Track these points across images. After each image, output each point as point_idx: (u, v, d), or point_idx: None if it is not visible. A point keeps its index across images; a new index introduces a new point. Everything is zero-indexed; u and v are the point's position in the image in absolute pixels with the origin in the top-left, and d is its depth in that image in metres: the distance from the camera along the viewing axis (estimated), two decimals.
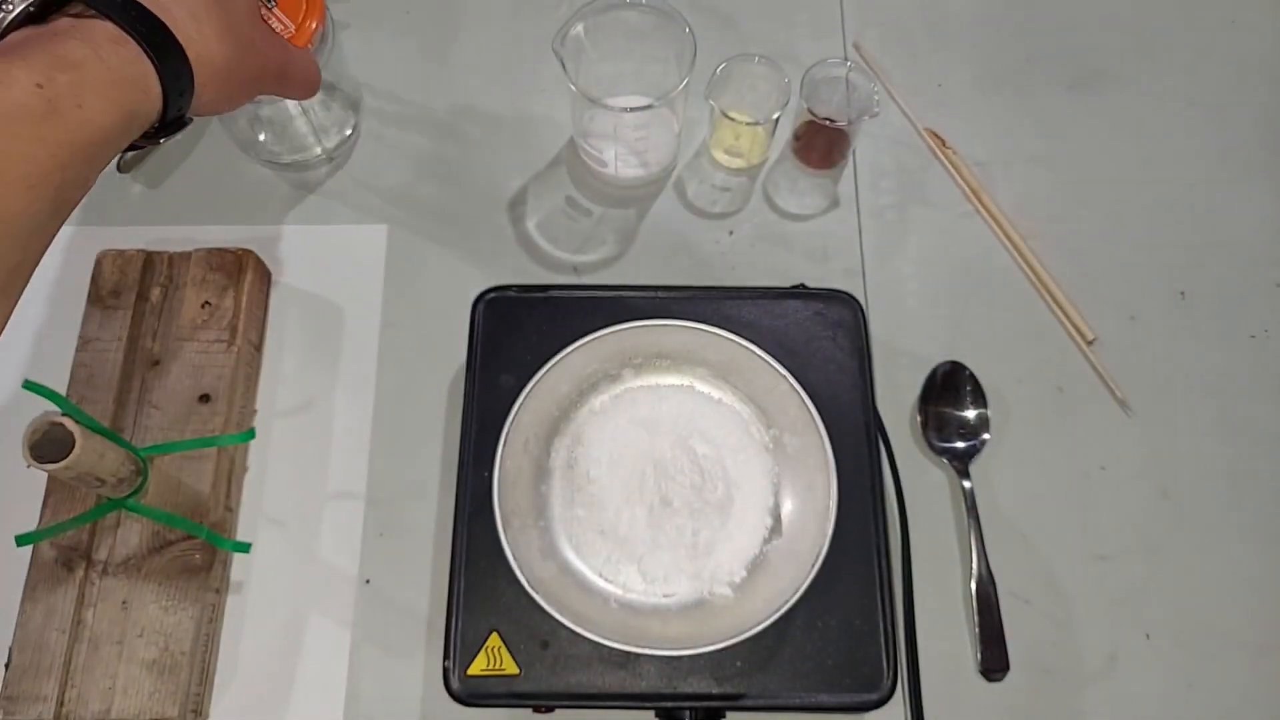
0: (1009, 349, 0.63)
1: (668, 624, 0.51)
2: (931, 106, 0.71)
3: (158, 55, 0.39)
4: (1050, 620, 0.57)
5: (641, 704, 0.49)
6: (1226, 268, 0.66)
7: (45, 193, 0.35)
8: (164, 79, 0.39)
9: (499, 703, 0.49)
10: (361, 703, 0.55)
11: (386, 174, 0.68)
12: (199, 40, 0.41)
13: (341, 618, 0.56)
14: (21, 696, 0.51)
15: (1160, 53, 0.73)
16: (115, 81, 0.37)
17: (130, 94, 0.38)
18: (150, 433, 0.57)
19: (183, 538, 0.54)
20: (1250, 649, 0.56)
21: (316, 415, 0.61)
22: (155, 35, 0.39)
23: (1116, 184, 0.69)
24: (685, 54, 0.59)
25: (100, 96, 0.37)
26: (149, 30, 0.38)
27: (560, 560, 0.52)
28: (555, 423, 0.56)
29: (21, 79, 0.34)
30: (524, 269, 0.65)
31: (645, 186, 0.68)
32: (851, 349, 0.56)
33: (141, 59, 0.38)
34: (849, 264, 0.66)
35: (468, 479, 0.52)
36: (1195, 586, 0.58)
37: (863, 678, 0.49)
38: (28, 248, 0.35)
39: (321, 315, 0.64)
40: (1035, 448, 0.61)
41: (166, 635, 0.52)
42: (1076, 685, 0.55)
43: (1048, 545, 0.58)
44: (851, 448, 0.53)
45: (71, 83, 0.36)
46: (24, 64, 0.35)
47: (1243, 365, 0.63)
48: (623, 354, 0.56)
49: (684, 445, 0.54)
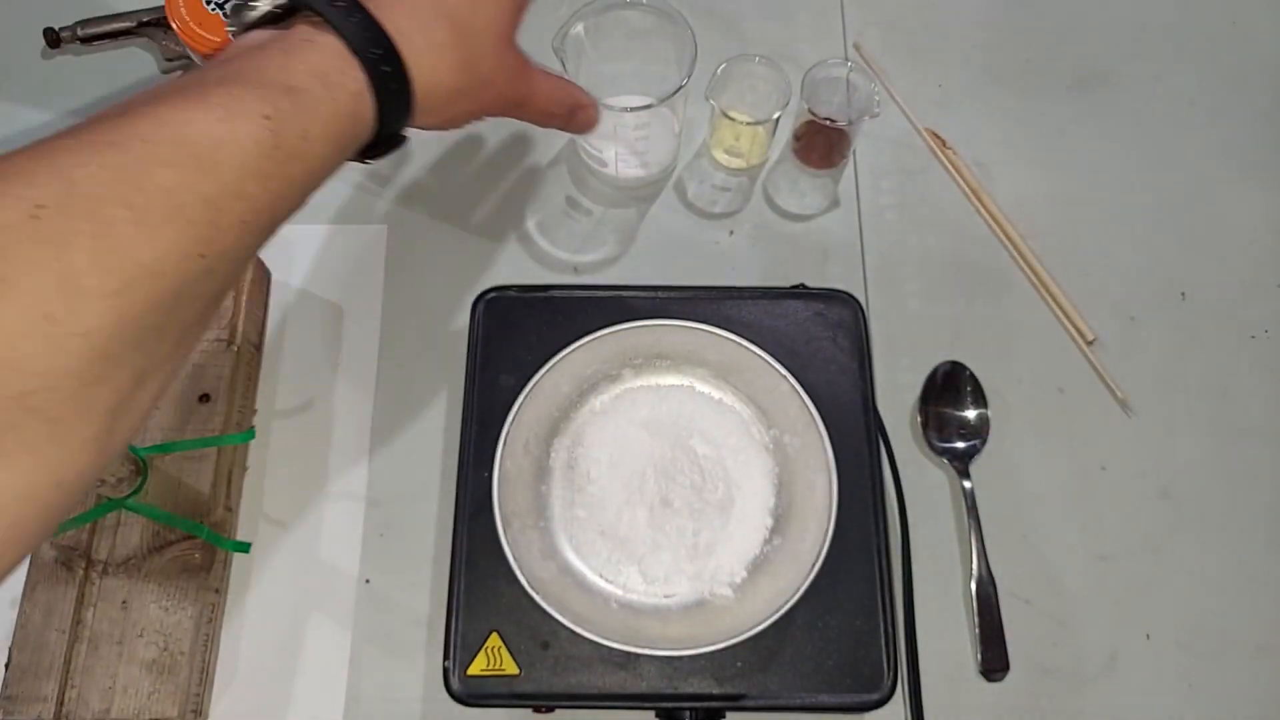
0: (1009, 349, 0.63)
1: (668, 624, 0.51)
2: (932, 106, 0.71)
3: (382, 88, 0.38)
4: (1050, 620, 0.57)
5: (642, 704, 0.49)
6: (1226, 268, 0.66)
7: (260, 228, 0.34)
8: (382, 111, 0.38)
9: (499, 703, 0.49)
10: (361, 703, 0.55)
11: (387, 174, 0.68)
12: (430, 73, 0.40)
13: (341, 618, 0.56)
14: (21, 696, 0.51)
15: (1160, 53, 0.73)
16: (337, 114, 0.36)
17: (351, 125, 0.37)
18: (150, 432, 0.56)
19: (182, 538, 0.54)
20: (1250, 649, 0.56)
21: (316, 415, 0.61)
22: (385, 65, 0.37)
23: (1116, 184, 0.69)
24: (685, 54, 0.59)
25: (322, 128, 0.35)
26: (380, 59, 0.37)
27: (560, 561, 0.52)
28: (555, 423, 0.55)
29: (251, 110, 0.33)
30: (524, 269, 0.65)
31: (646, 187, 0.68)
32: (851, 349, 0.56)
33: (365, 89, 0.37)
34: (849, 264, 0.66)
35: (468, 479, 0.52)
36: (1195, 586, 0.58)
37: (863, 678, 0.49)
38: (228, 278, 0.34)
39: (321, 315, 0.64)
40: (1035, 448, 0.61)
41: (166, 635, 0.52)
42: (1076, 685, 0.55)
43: (1048, 545, 0.58)
44: (851, 448, 0.53)
45: (297, 113, 0.34)
46: (255, 91, 0.34)
47: (1243, 365, 0.63)
48: (623, 354, 0.56)
49: (684, 446, 0.54)
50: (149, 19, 0.67)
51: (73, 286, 0.27)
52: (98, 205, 0.28)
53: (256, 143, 0.33)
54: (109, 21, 0.67)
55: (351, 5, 0.38)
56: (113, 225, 0.28)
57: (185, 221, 0.30)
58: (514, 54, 0.45)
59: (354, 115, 0.37)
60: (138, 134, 0.30)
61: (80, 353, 0.27)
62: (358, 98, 0.37)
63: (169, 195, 0.30)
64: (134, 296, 0.29)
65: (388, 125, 0.39)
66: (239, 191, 0.32)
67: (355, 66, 0.37)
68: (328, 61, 0.36)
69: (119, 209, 0.28)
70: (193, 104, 0.32)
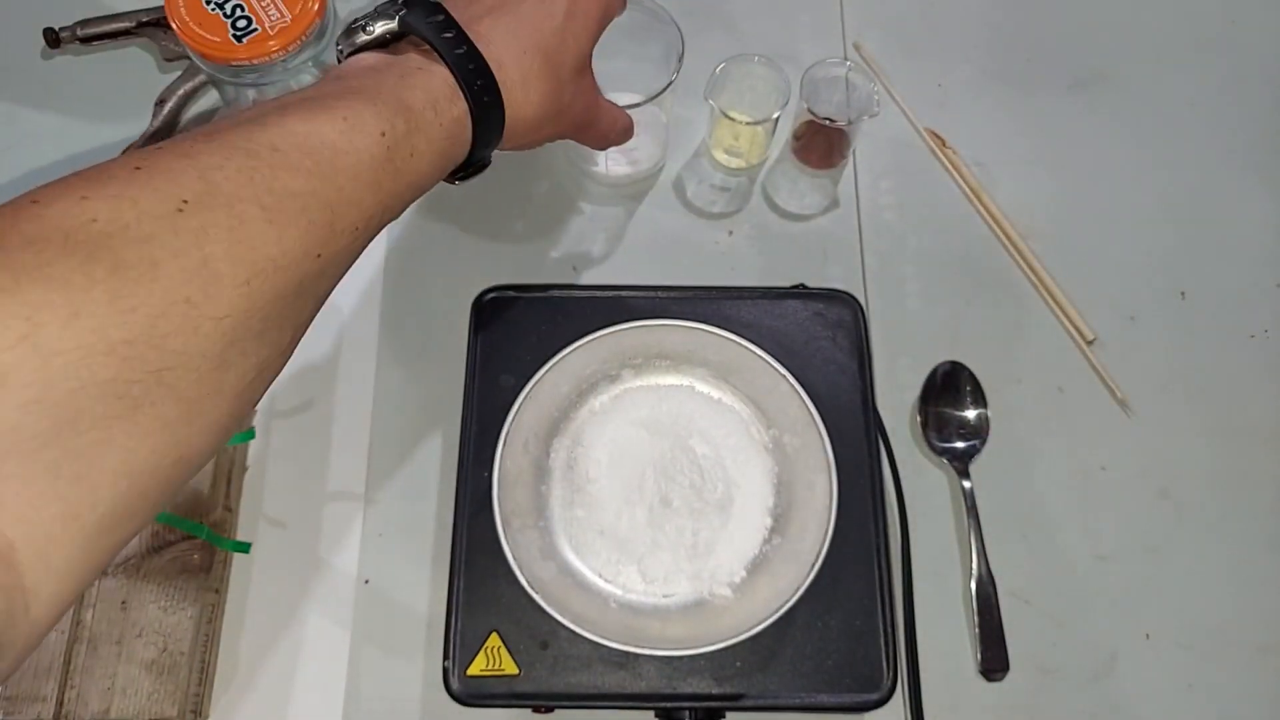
0: (1009, 349, 0.63)
1: (668, 624, 0.51)
2: (931, 106, 0.71)
3: (481, 118, 0.41)
4: (1050, 620, 0.57)
5: (641, 704, 0.49)
6: (1226, 268, 0.66)
7: (366, 235, 0.36)
8: (477, 137, 0.41)
9: (499, 703, 0.49)
10: (361, 703, 0.55)
11: None
12: (521, 104, 0.43)
13: (341, 618, 0.56)
14: (21, 696, 0.51)
15: (1160, 53, 0.73)
16: (442, 137, 0.39)
17: (451, 147, 0.40)
18: None
19: (182, 538, 0.54)
20: (1250, 649, 0.56)
21: (316, 415, 0.61)
22: (485, 95, 0.40)
23: (1116, 184, 0.69)
24: (673, 52, 0.59)
25: (428, 148, 0.38)
26: (482, 90, 0.40)
27: (560, 560, 0.52)
28: (555, 423, 0.55)
29: (370, 125, 0.36)
30: (524, 269, 0.65)
31: (637, 184, 0.68)
32: (851, 349, 0.56)
33: (466, 117, 0.40)
34: (849, 264, 0.66)
35: (468, 479, 0.52)
36: (1195, 586, 0.58)
37: (863, 678, 0.49)
38: (335, 279, 0.37)
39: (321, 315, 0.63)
40: (1035, 448, 0.61)
41: (165, 635, 0.52)
42: (1076, 685, 0.55)
43: (1048, 545, 0.58)
44: (851, 448, 0.53)
45: (409, 132, 0.37)
46: (374, 108, 0.36)
47: (1243, 365, 0.63)
48: (622, 354, 0.56)
49: (684, 445, 0.54)
50: (149, 19, 0.67)
51: (209, 273, 0.29)
52: (233, 203, 0.31)
53: (372, 156, 0.35)
54: (109, 21, 0.67)
55: (459, 37, 0.40)
56: (245, 221, 0.31)
57: (308, 223, 0.33)
58: (589, 82, 0.48)
59: (455, 139, 0.40)
60: (269, 142, 0.33)
61: (214, 335, 0.30)
62: (459, 124, 0.40)
63: (295, 199, 0.32)
64: (262, 287, 0.31)
65: (480, 150, 0.42)
66: (354, 199, 0.35)
67: (461, 96, 0.40)
68: (438, 89, 0.39)
69: (251, 207, 0.31)
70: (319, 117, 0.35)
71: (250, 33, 0.56)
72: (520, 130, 0.44)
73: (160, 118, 0.65)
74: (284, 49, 0.56)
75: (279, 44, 0.56)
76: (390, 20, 0.40)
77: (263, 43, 0.56)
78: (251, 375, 0.32)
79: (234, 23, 0.56)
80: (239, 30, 0.56)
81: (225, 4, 0.57)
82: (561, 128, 0.48)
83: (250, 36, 0.56)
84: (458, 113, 0.40)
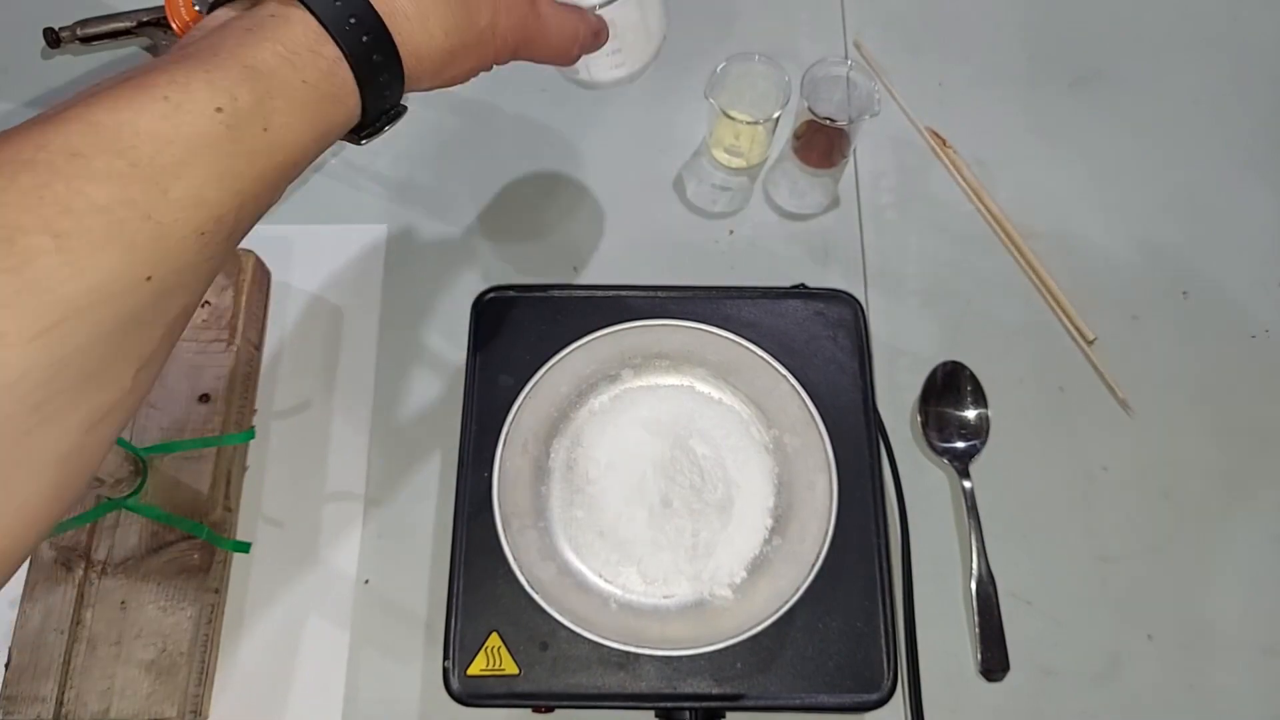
0: (1009, 349, 0.63)
1: (668, 625, 0.51)
2: (932, 105, 0.71)
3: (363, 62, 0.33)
4: (1051, 620, 0.56)
5: (641, 704, 0.49)
6: (1228, 267, 0.66)
7: (219, 234, 0.29)
8: (365, 87, 0.33)
9: (499, 703, 0.49)
10: (360, 703, 0.54)
11: (387, 173, 0.68)
12: (421, 36, 0.35)
13: (340, 618, 0.56)
14: (20, 697, 0.51)
15: (1160, 53, 0.73)
16: (312, 95, 0.32)
17: (327, 106, 0.32)
18: (149, 433, 0.56)
19: (182, 538, 0.54)
20: (1250, 649, 0.56)
21: (316, 415, 0.61)
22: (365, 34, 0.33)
23: (1117, 183, 0.69)
24: None
25: (290, 114, 0.31)
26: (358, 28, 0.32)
27: (560, 561, 0.52)
28: (555, 423, 0.55)
29: (201, 101, 0.29)
30: (524, 269, 0.65)
31: (623, 86, 0.62)
32: (851, 349, 0.56)
33: (342, 64, 0.32)
34: (849, 264, 0.65)
35: (467, 479, 0.52)
36: (1196, 587, 0.57)
37: (863, 678, 0.49)
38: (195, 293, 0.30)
39: (321, 315, 0.64)
40: (1035, 448, 0.60)
41: (165, 636, 0.52)
42: (1077, 685, 0.55)
43: (1048, 545, 0.58)
44: (851, 448, 0.53)
45: (256, 101, 0.30)
46: (206, 77, 0.29)
47: (1244, 365, 0.63)
48: (622, 354, 0.56)
49: (684, 446, 0.54)
50: (149, 19, 0.67)
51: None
52: (14, 237, 0.25)
53: (208, 139, 0.29)
54: (109, 21, 0.67)
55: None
56: (31, 259, 0.25)
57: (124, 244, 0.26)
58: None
59: (330, 96, 0.32)
60: (66, 146, 0.26)
61: (5, 406, 0.24)
62: (333, 76, 0.32)
63: (101, 215, 0.26)
64: (66, 334, 0.25)
65: (375, 102, 0.34)
66: (191, 199, 0.28)
67: (328, 41, 0.32)
68: (296, 37, 0.31)
69: (40, 238, 0.25)
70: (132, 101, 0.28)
71: None
72: (428, 69, 0.36)
73: None
74: None
75: None
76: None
77: None
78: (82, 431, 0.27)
79: None
80: None
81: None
82: (487, 54, 0.39)
83: None
84: (326, 63, 0.32)
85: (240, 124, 0.29)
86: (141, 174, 0.27)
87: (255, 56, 0.30)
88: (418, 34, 0.34)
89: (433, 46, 0.35)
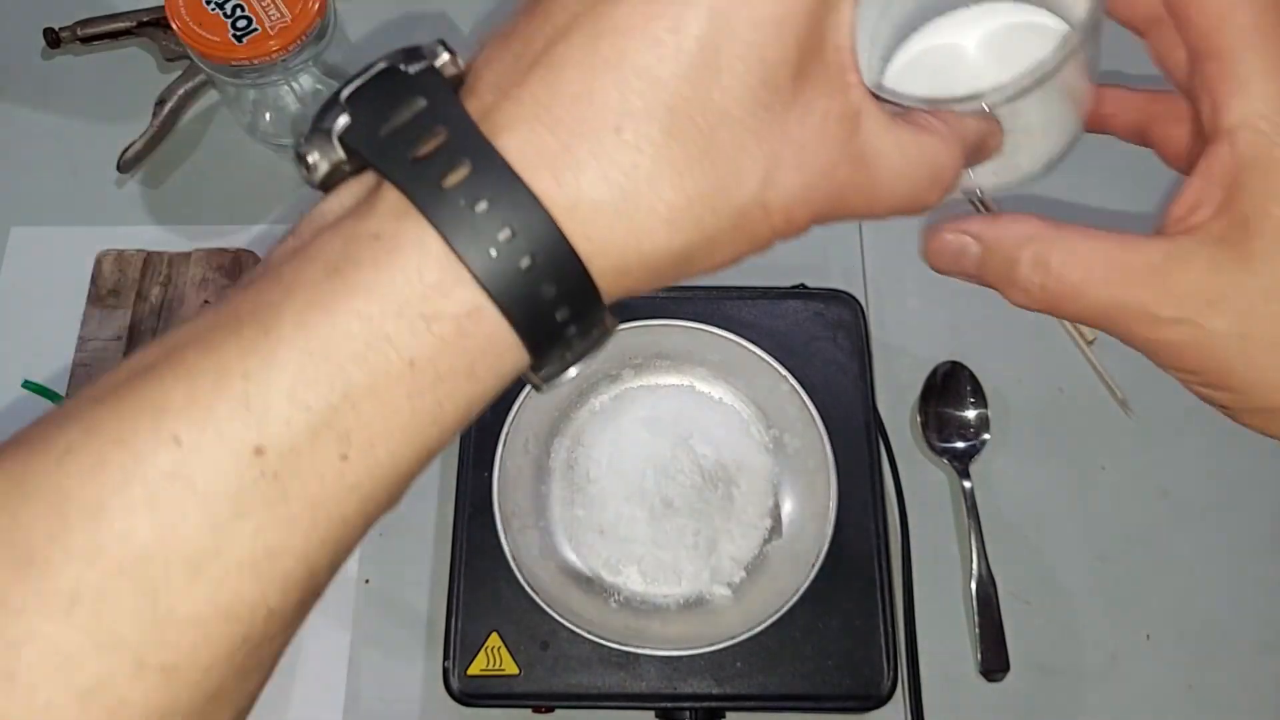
0: (1009, 349, 0.63)
1: (668, 624, 0.51)
2: None
3: (527, 314, 0.20)
4: (1050, 620, 0.56)
5: (641, 704, 0.50)
6: None
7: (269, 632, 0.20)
8: (533, 343, 0.21)
9: (499, 703, 0.49)
10: (361, 703, 0.54)
11: None
12: (628, 240, 0.21)
13: (341, 618, 0.56)
14: None
15: None
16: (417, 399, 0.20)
17: (456, 391, 0.21)
18: None
19: None
20: (1251, 649, 0.56)
21: None
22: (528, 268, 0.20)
23: (1118, 180, 0.68)
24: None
25: (384, 426, 0.20)
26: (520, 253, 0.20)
27: (560, 560, 0.52)
28: (555, 423, 0.55)
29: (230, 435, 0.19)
30: None
31: None
32: (851, 349, 0.56)
33: (488, 313, 0.20)
34: (849, 264, 0.65)
35: (468, 479, 0.53)
36: (1195, 586, 0.57)
37: (863, 678, 0.49)
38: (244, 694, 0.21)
39: None
40: (1035, 448, 0.60)
41: None
42: (1076, 685, 0.55)
43: (1048, 545, 0.58)
44: (851, 448, 0.53)
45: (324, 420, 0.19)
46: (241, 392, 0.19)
47: None
48: (622, 354, 0.56)
49: (684, 445, 0.54)
50: (149, 19, 0.67)
51: None
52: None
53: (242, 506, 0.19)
54: (109, 21, 0.67)
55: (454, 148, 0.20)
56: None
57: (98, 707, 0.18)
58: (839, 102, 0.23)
59: (463, 371, 0.21)
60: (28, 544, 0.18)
61: None
62: (467, 336, 0.20)
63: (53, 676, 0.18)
64: None
65: (553, 346, 0.22)
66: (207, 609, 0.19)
67: (465, 279, 0.20)
68: (409, 282, 0.20)
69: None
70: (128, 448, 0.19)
71: (250, 33, 0.56)
72: (643, 279, 0.22)
73: (160, 118, 0.65)
74: (284, 49, 0.56)
75: (279, 44, 0.56)
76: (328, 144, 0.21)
77: (263, 42, 0.56)
78: None
79: (234, 23, 0.56)
80: (239, 30, 0.56)
81: (225, 4, 0.57)
82: (761, 236, 0.24)
83: (250, 36, 0.56)
84: (456, 319, 0.20)
85: (284, 475, 0.19)
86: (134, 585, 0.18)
87: (328, 332, 0.19)
88: (621, 235, 0.21)
89: (653, 249, 0.21)
